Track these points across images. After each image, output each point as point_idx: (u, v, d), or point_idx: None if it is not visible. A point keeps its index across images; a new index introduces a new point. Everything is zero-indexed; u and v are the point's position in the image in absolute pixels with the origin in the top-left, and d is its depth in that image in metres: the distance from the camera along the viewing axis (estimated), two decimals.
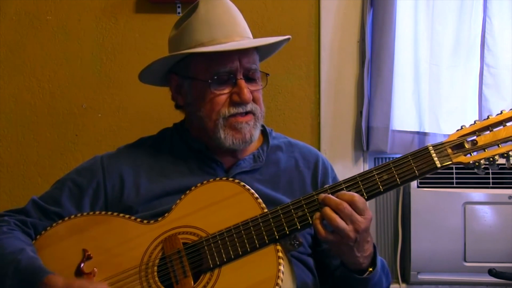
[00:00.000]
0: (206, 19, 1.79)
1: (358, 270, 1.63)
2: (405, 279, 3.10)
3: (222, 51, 1.73)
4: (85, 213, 1.74)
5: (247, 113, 1.79)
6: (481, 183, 2.97)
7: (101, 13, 3.09)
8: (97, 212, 1.74)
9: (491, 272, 2.61)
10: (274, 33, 3.09)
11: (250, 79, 1.80)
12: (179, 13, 3.06)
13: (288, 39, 1.89)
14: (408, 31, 3.06)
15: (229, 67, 1.75)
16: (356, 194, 1.54)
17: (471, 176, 2.95)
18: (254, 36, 1.88)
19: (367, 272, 1.63)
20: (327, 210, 1.53)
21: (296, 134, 2.99)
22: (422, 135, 3.08)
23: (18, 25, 3.07)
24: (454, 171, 2.95)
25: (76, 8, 3.08)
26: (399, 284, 3.10)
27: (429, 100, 3.08)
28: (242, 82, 1.76)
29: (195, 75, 1.80)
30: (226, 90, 1.77)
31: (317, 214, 1.55)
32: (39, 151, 3.09)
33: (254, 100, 1.80)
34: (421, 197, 2.98)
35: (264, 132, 1.94)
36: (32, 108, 3.08)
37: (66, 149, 3.09)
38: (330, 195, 1.55)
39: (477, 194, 2.97)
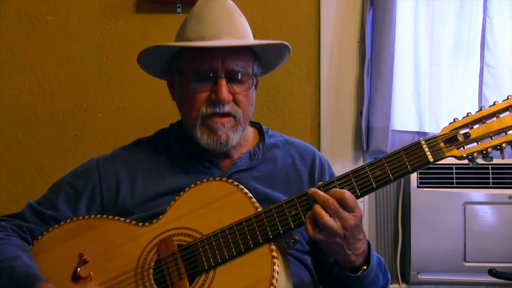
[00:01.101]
0: (198, 15, 1.79)
1: (352, 268, 1.62)
2: (405, 279, 3.10)
3: (197, 46, 1.72)
4: (80, 217, 1.74)
5: (225, 114, 1.77)
6: (481, 183, 2.96)
7: (101, 13, 3.09)
8: (92, 216, 1.74)
9: (491, 272, 2.61)
10: (274, 33, 3.09)
11: (233, 79, 1.77)
12: (179, 13, 3.06)
13: (282, 44, 1.84)
14: (408, 31, 3.06)
15: (209, 65, 1.73)
16: (346, 191, 1.53)
17: (471, 176, 2.95)
18: (256, 37, 1.87)
19: (361, 271, 1.62)
20: (316, 207, 1.52)
21: (296, 134, 2.96)
22: (422, 135, 3.08)
23: (18, 25, 3.07)
24: (454, 171, 2.95)
25: (76, 8, 3.09)
26: (399, 284, 3.10)
27: (429, 100, 3.08)
28: (222, 81, 1.74)
29: (182, 70, 1.81)
30: (206, 88, 1.76)
31: (309, 213, 1.55)
32: (39, 151, 3.09)
33: (237, 103, 1.78)
34: (421, 197, 2.98)
35: (260, 131, 1.95)
36: (32, 108, 3.09)
37: (66, 149, 3.10)
38: (318, 191, 1.55)
39: (477, 194, 2.97)
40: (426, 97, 3.08)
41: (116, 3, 3.09)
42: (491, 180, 2.96)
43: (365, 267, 1.63)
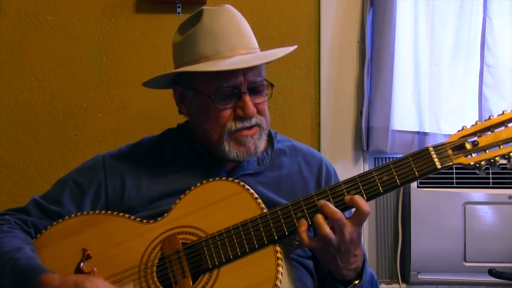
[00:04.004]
0: (210, 31, 1.76)
1: (343, 281, 1.64)
2: (405, 279, 3.10)
3: (231, 69, 1.70)
4: (85, 213, 1.75)
5: (252, 126, 1.77)
6: (481, 183, 2.97)
7: (101, 13, 3.08)
8: (97, 212, 1.74)
9: (491, 272, 2.61)
10: (274, 33, 3.09)
11: (255, 91, 1.78)
12: (179, 13, 3.06)
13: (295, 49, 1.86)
14: (408, 31, 3.06)
15: (233, 82, 1.73)
16: (368, 208, 1.54)
17: (471, 176, 2.95)
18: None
19: (352, 284, 1.64)
20: (319, 217, 1.54)
21: (296, 134, 2.99)
22: (422, 135, 3.08)
23: (18, 25, 3.07)
24: (454, 171, 2.95)
25: (76, 8, 3.08)
26: (399, 284, 3.10)
27: (429, 100, 3.08)
28: (247, 97, 1.74)
29: (198, 87, 1.79)
30: (230, 105, 1.75)
31: (303, 224, 1.56)
32: (39, 151, 3.09)
33: (259, 112, 1.78)
34: (421, 197, 2.98)
35: (269, 135, 1.93)
36: (32, 108, 3.08)
37: (66, 149, 3.09)
38: (328, 203, 1.55)
39: (477, 194, 2.97)
40: (426, 97, 3.07)
41: (116, 3, 3.09)
42: (491, 180, 2.96)
43: (356, 282, 1.64)
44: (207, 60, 1.74)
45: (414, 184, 2.98)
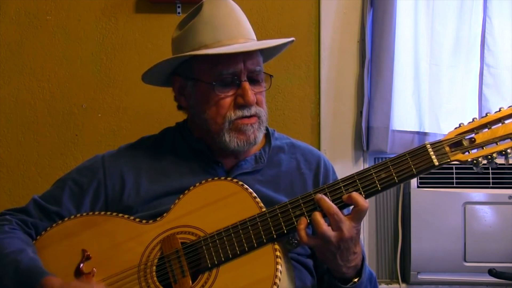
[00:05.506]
0: (210, 21, 1.78)
1: (342, 279, 1.64)
2: (405, 279, 3.10)
3: (226, 53, 1.72)
4: (84, 214, 1.75)
5: (251, 115, 1.77)
6: (481, 183, 2.97)
7: (101, 13, 3.09)
8: (96, 213, 1.74)
9: (491, 272, 2.61)
10: (274, 33, 3.09)
11: (254, 81, 1.79)
12: (179, 13, 3.06)
13: (292, 41, 1.87)
14: (408, 31, 3.06)
15: (233, 69, 1.74)
16: (367, 203, 1.55)
17: (471, 176, 2.95)
18: (256, 37, 1.87)
19: (351, 283, 1.63)
20: (316, 214, 1.54)
21: (296, 134, 2.98)
22: (422, 135, 3.08)
23: (18, 25, 3.07)
24: (454, 171, 2.95)
25: (76, 8, 3.08)
26: (399, 284, 3.10)
27: (429, 100, 3.08)
28: (246, 84, 1.75)
29: (199, 76, 1.79)
30: (231, 92, 1.76)
31: (304, 221, 1.56)
32: (39, 151, 3.09)
33: (257, 103, 1.79)
34: (421, 197, 2.98)
35: (266, 133, 1.93)
36: (32, 108, 3.08)
37: (66, 149, 3.10)
38: (325, 197, 1.55)
39: (477, 194, 2.97)
40: (426, 97, 3.08)
41: (116, 3, 3.09)
42: (491, 180, 2.96)
43: (355, 280, 1.64)
44: (207, 48, 1.75)
45: (414, 184, 2.98)
